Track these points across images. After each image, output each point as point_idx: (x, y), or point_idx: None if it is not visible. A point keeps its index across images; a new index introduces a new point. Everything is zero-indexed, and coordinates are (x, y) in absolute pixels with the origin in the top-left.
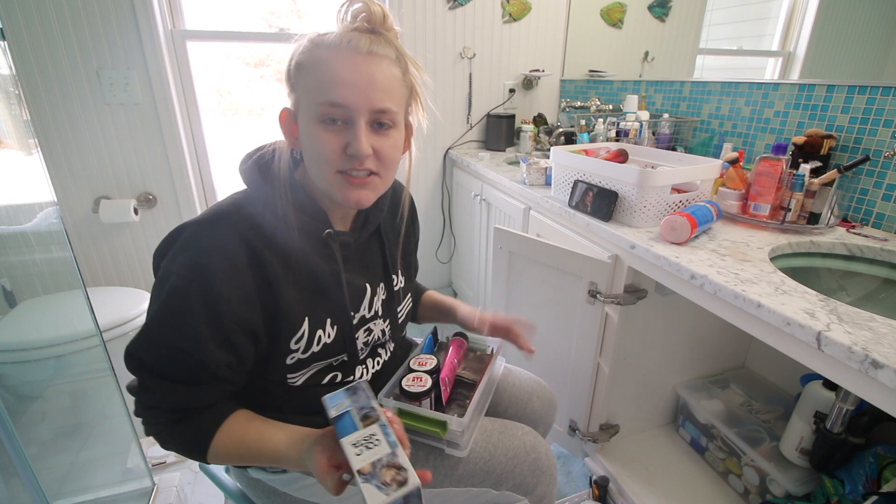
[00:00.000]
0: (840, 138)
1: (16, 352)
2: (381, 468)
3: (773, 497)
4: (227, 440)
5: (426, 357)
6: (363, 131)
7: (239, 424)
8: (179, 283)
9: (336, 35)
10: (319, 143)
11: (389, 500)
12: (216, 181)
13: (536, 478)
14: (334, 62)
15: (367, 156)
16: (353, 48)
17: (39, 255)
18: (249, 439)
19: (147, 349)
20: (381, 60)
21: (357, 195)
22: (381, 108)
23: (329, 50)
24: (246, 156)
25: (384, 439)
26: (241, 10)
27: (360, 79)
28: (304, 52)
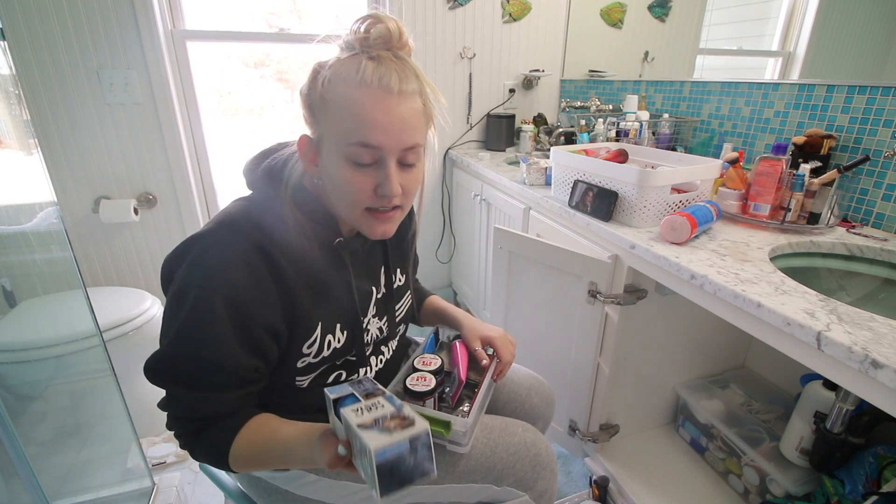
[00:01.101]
0: (840, 138)
1: (16, 352)
2: (384, 421)
3: (773, 497)
4: (244, 444)
5: (430, 357)
6: (394, 172)
7: (255, 427)
8: (202, 295)
9: (364, 71)
10: (349, 183)
11: (392, 442)
12: (216, 181)
13: (537, 474)
14: (367, 104)
15: (397, 195)
16: (384, 88)
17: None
18: (262, 440)
19: (174, 361)
20: (409, 98)
21: (383, 229)
22: (410, 145)
23: (361, 90)
24: (253, 161)
25: (388, 403)
26: (241, 10)
27: (392, 121)
28: (329, 86)
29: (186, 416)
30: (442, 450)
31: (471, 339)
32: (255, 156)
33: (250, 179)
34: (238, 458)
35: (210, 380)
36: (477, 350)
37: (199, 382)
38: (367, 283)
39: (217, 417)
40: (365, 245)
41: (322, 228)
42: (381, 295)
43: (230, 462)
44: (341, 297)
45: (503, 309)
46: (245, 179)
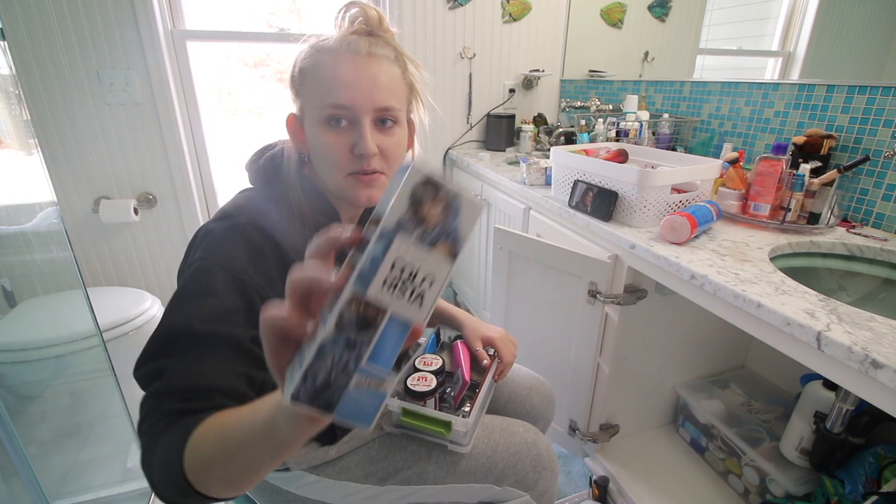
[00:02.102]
0: (840, 138)
1: (16, 352)
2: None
3: (773, 497)
4: (205, 434)
5: (431, 357)
6: (368, 130)
7: (217, 416)
8: (202, 266)
9: (336, 39)
10: (327, 146)
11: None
12: (216, 181)
13: (538, 474)
14: (336, 65)
15: (373, 154)
16: (353, 50)
17: (39, 255)
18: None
19: (168, 333)
20: (381, 60)
21: (367, 194)
22: (384, 105)
23: (330, 54)
24: (255, 154)
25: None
26: (241, 10)
27: (362, 79)
28: (305, 57)
29: (166, 389)
30: (443, 450)
31: (472, 339)
32: (255, 152)
33: (252, 172)
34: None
35: (204, 348)
36: (478, 350)
37: (193, 352)
38: None
39: (208, 392)
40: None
41: (321, 216)
42: None
43: (186, 459)
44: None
45: (503, 309)
46: (248, 174)
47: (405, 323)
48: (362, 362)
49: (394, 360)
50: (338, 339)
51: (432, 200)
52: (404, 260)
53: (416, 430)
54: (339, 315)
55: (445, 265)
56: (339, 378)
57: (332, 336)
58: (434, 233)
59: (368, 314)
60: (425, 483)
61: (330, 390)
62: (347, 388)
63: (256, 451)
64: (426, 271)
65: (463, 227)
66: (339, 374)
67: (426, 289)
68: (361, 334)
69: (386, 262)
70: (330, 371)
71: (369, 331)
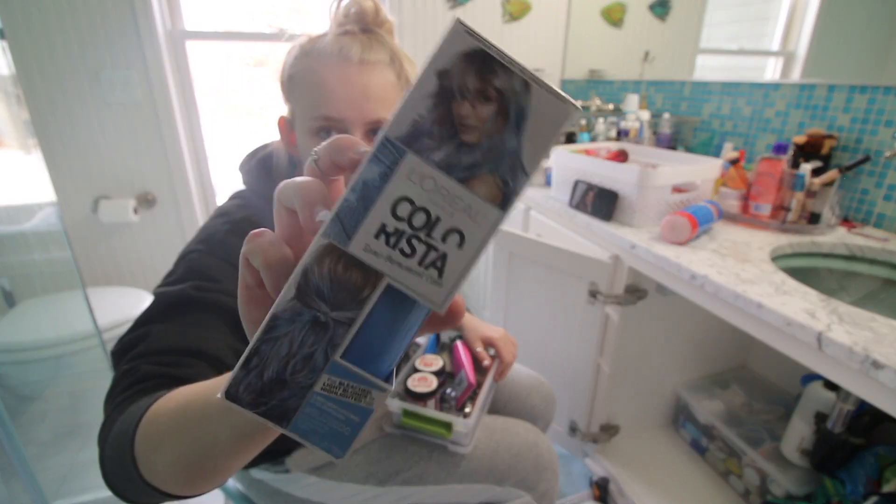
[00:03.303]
0: (841, 138)
1: (15, 352)
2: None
3: (774, 497)
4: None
5: (431, 357)
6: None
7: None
8: (197, 257)
9: (327, 42)
10: None
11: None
12: (216, 181)
13: (539, 474)
14: (325, 74)
15: None
16: (344, 57)
17: (39, 256)
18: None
19: (159, 299)
20: (374, 68)
21: None
22: (375, 118)
23: (320, 60)
24: (248, 156)
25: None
26: (241, 10)
27: (352, 92)
28: (296, 62)
29: (152, 349)
30: (444, 450)
31: (472, 339)
32: (248, 153)
33: (244, 174)
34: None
35: (196, 313)
36: (478, 351)
37: (183, 317)
38: None
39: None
40: None
41: None
42: None
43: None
44: None
45: (503, 309)
46: (241, 177)
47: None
48: (336, 354)
49: (395, 359)
50: (300, 314)
51: (479, 93)
52: (417, 196)
53: (416, 431)
54: (303, 273)
55: (487, 214)
56: (299, 375)
57: (291, 307)
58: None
59: (350, 279)
60: (426, 484)
61: (284, 392)
62: (310, 392)
63: (212, 432)
64: (454, 221)
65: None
66: (299, 368)
67: (451, 250)
68: (338, 310)
69: (385, 197)
70: (286, 362)
71: (350, 305)
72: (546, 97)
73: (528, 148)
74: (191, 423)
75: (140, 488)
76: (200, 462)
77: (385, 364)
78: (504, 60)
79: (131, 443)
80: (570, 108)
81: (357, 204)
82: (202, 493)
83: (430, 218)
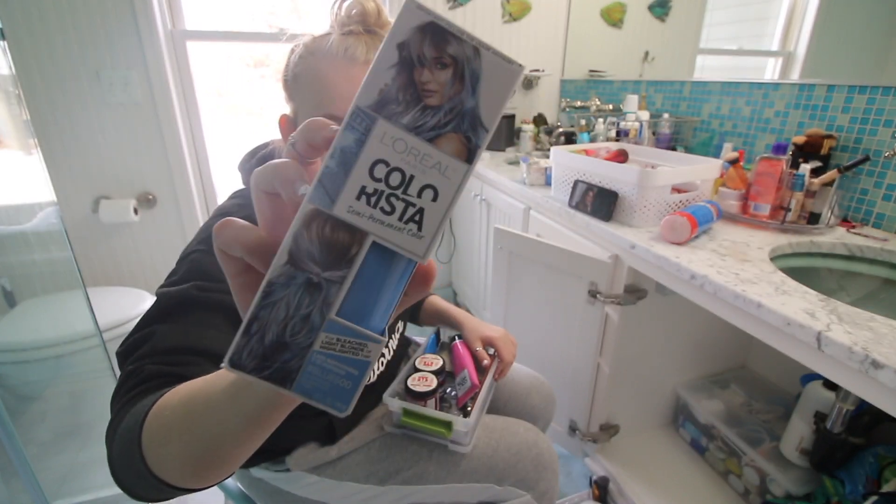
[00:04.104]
0: (840, 138)
1: (16, 352)
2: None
3: (774, 497)
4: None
5: (431, 357)
6: None
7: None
8: (198, 257)
9: (332, 43)
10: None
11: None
12: (216, 181)
13: (539, 473)
14: (331, 74)
15: None
16: (349, 58)
17: (39, 255)
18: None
19: (162, 299)
20: None
21: None
22: None
23: (326, 60)
24: (247, 155)
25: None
26: (241, 10)
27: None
28: (300, 61)
29: (156, 349)
30: (444, 450)
31: (472, 339)
32: (247, 152)
33: (244, 173)
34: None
35: (199, 312)
36: (478, 350)
37: (187, 317)
38: None
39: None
40: None
41: None
42: None
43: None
44: None
45: (503, 309)
46: (241, 176)
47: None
48: (331, 312)
49: (387, 314)
50: (293, 278)
51: (435, 60)
52: (391, 158)
53: (417, 430)
54: (293, 239)
55: (456, 168)
56: (299, 335)
57: (284, 272)
58: (438, 115)
59: (338, 239)
60: (426, 483)
61: (285, 354)
62: (310, 352)
63: (220, 420)
64: (426, 177)
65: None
66: (297, 329)
67: (426, 204)
68: (329, 269)
69: (362, 161)
70: (284, 325)
71: (340, 265)
72: (495, 60)
73: (485, 106)
74: (197, 414)
75: (150, 483)
76: (209, 452)
77: (377, 318)
78: (454, 31)
79: (139, 439)
80: (517, 69)
81: (337, 169)
82: (211, 484)
83: (404, 177)
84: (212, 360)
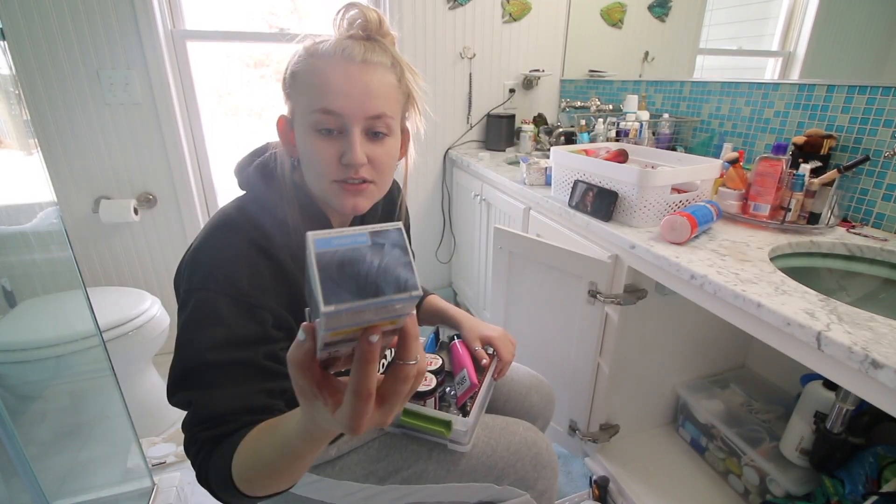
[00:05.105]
0: (840, 138)
1: (16, 352)
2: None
3: (773, 497)
4: (244, 447)
5: (430, 356)
6: (357, 140)
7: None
8: (204, 297)
9: (331, 44)
10: (315, 152)
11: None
12: (216, 181)
13: (538, 472)
14: (328, 70)
15: (361, 164)
16: (347, 57)
17: (39, 255)
18: (258, 435)
19: (183, 369)
20: (376, 68)
21: (353, 202)
22: (375, 114)
23: (323, 59)
24: (244, 160)
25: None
26: (241, 10)
27: (354, 87)
28: (299, 61)
29: (202, 420)
30: (443, 449)
31: (471, 338)
32: (245, 156)
33: (242, 178)
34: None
35: (227, 373)
36: (477, 350)
37: (218, 378)
38: None
39: (231, 422)
40: None
41: (313, 223)
42: None
43: (234, 476)
44: None
45: (503, 309)
46: (237, 179)
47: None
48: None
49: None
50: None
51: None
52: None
53: (416, 429)
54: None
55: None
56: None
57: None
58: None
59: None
60: (425, 482)
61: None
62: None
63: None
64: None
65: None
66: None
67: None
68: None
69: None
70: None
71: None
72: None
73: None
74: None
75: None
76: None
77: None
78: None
79: (233, 486)
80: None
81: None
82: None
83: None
84: (247, 412)
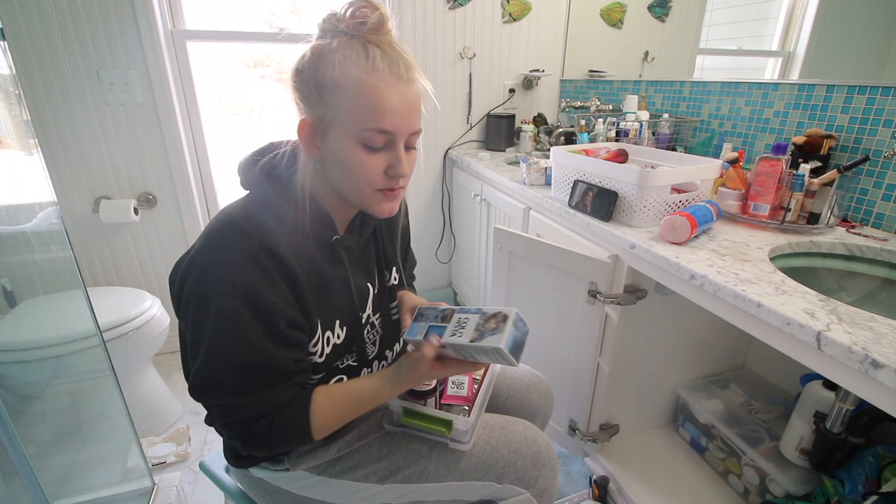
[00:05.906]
0: (840, 138)
1: (16, 352)
2: (483, 326)
3: (773, 497)
4: (323, 410)
5: None
6: (403, 154)
7: (324, 395)
8: (225, 304)
9: (374, 59)
10: (363, 165)
11: (508, 332)
12: (216, 181)
13: (538, 471)
14: (384, 90)
15: (408, 176)
16: (395, 76)
17: (39, 255)
18: (341, 398)
19: (216, 373)
20: (415, 85)
21: (390, 206)
22: (417, 129)
23: (374, 76)
24: (248, 160)
25: (469, 314)
26: (241, 10)
27: (405, 106)
28: (342, 69)
29: (247, 418)
30: (444, 448)
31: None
32: (249, 155)
33: (246, 178)
34: (321, 425)
35: (257, 380)
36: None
37: (248, 385)
38: (363, 280)
39: (276, 410)
40: (359, 242)
41: (319, 226)
42: (376, 291)
43: (313, 431)
44: (339, 293)
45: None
46: (240, 178)
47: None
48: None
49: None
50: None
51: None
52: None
53: (416, 429)
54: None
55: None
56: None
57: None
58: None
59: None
60: (426, 481)
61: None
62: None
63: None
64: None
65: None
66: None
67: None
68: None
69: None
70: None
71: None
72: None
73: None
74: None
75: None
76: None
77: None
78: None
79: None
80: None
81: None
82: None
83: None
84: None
